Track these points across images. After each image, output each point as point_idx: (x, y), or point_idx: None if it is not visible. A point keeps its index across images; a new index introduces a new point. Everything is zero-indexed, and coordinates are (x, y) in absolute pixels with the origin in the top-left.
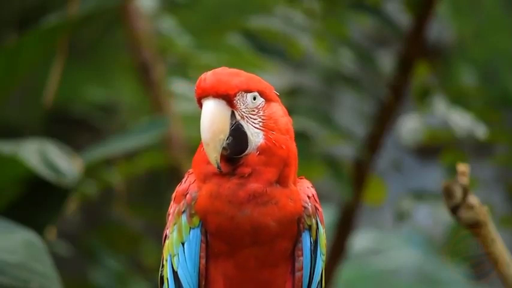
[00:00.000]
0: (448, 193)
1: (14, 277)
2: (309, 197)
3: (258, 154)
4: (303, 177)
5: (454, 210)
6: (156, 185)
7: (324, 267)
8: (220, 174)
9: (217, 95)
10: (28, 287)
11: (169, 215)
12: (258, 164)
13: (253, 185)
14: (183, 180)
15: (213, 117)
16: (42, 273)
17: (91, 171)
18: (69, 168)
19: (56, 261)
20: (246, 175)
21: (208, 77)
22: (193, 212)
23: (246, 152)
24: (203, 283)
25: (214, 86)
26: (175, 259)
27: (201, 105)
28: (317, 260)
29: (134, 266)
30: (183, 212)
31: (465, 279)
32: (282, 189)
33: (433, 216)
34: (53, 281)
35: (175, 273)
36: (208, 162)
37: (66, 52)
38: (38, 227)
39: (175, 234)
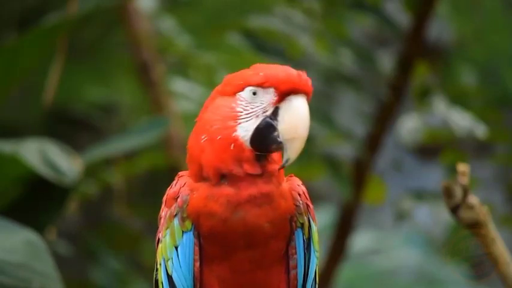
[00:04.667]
0: (448, 193)
1: (15, 277)
2: (299, 194)
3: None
4: (292, 175)
5: (454, 210)
6: (156, 185)
7: (318, 264)
8: (251, 174)
9: (306, 94)
10: (29, 287)
11: (160, 218)
12: (278, 161)
13: (266, 186)
14: (174, 183)
15: (307, 114)
16: (43, 273)
17: (91, 171)
18: (70, 168)
19: (56, 260)
20: (275, 173)
21: (302, 75)
22: (185, 215)
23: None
24: (198, 286)
25: (307, 85)
26: (169, 263)
27: (281, 98)
28: (311, 258)
29: (134, 266)
30: (175, 215)
31: (465, 279)
32: (277, 188)
33: (433, 216)
34: (54, 280)
35: (169, 277)
36: (241, 163)
37: (65, 52)
38: (39, 227)
39: (168, 238)
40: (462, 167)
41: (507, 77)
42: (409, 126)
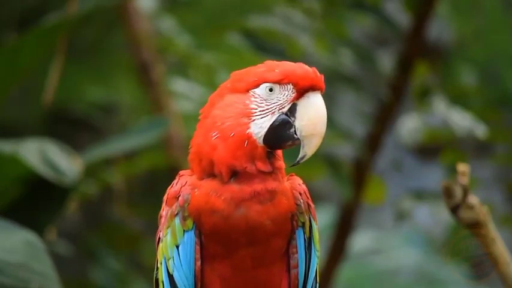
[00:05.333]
0: (448, 193)
1: (14, 277)
2: (300, 193)
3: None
4: (293, 174)
5: (454, 210)
6: (156, 185)
7: (318, 263)
8: (263, 171)
9: (322, 90)
10: (28, 287)
11: (161, 217)
12: (282, 158)
13: (272, 183)
14: (174, 182)
15: (325, 111)
16: (42, 273)
17: (91, 171)
18: (70, 168)
19: (56, 260)
20: (282, 169)
21: (316, 71)
22: (186, 214)
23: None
24: (199, 285)
25: (322, 81)
26: (170, 262)
27: (299, 95)
28: (312, 257)
29: (134, 266)
30: (176, 214)
31: (465, 279)
32: (281, 185)
33: (433, 216)
34: (53, 280)
35: (170, 276)
36: (254, 160)
37: (65, 52)
38: (38, 227)
39: (169, 237)
40: (462, 167)
41: (507, 77)
42: (409, 126)
